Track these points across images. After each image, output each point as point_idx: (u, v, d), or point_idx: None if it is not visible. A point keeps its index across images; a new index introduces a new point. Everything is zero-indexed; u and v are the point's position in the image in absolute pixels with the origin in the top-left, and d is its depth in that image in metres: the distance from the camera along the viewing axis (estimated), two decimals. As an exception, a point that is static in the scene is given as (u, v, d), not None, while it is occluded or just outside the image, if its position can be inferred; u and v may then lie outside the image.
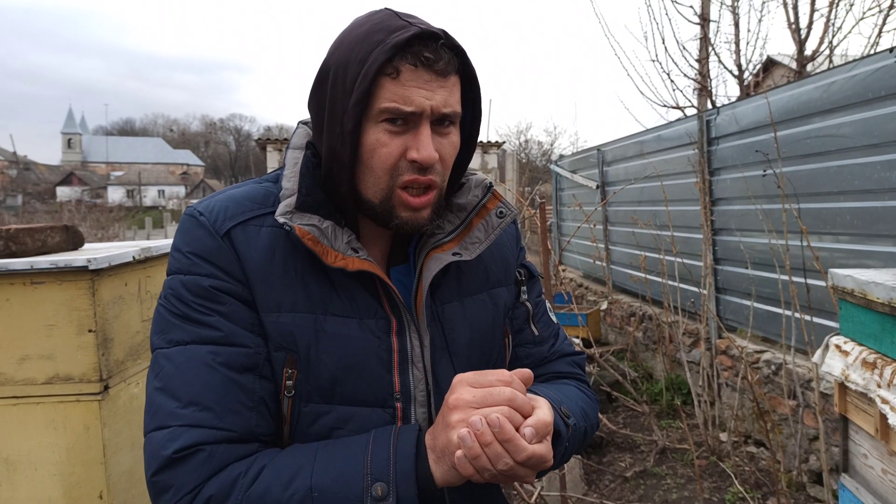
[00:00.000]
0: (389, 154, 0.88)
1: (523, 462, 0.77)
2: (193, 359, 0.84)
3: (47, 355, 1.87)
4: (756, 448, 4.13)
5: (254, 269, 0.88)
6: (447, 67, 0.87)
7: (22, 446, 1.87)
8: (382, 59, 0.84)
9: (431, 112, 0.87)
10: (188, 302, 0.87)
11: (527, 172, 15.30)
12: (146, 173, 72.43)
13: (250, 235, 0.90)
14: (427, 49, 0.85)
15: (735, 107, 4.59)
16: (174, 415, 0.82)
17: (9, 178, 71.88)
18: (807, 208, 3.66)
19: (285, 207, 0.89)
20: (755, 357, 4.13)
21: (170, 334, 0.87)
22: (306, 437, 0.89)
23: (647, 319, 5.85)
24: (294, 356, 0.88)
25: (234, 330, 0.86)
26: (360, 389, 0.90)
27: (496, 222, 1.01)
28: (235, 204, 0.92)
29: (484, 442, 0.76)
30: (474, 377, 0.83)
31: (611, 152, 7.14)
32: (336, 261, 0.88)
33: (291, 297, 0.89)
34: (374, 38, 0.86)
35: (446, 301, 0.99)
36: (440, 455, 0.81)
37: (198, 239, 0.89)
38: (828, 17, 5.67)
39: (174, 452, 0.80)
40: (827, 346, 1.84)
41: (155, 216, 34.65)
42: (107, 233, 17.63)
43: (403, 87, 0.85)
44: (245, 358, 0.86)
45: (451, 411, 0.80)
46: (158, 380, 0.85)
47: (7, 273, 1.84)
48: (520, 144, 31.25)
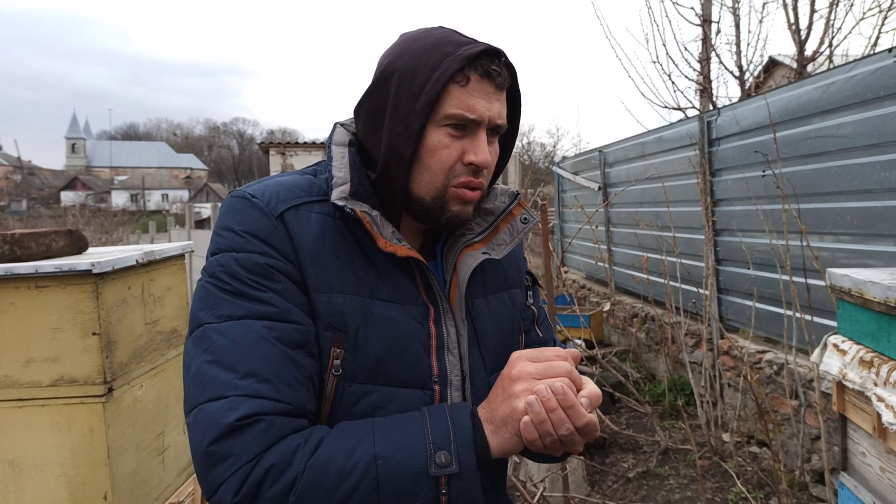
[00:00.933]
0: (449, 155, 0.95)
1: (581, 428, 0.84)
2: (249, 332, 0.86)
3: (52, 358, 1.89)
4: (759, 448, 4.13)
5: (306, 250, 0.92)
6: (504, 83, 0.96)
7: (27, 448, 1.90)
8: (455, 67, 0.91)
9: (489, 121, 0.95)
10: (242, 278, 0.88)
11: (529, 174, 15.30)
12: (150, 177, 72.62)
13: (302, 219, 0.94)
14: (493, 64, 0.94)
15: (735, 108, 4.60)
16: (232, 385, 0.83)
17: (13, 184, 72.14)
18: (807, 208, 3.67)
19: (340, 193, 0.94)
20: (757, 357, 4.13)
21: (220, 309, 0.88)
22: (349, 416, 0.91)
23: (650, 320, 5.86)
24: (342, 336, 0.91)
25: (287, 307, 0.88)
26: (402, 371, 0.94)
27: (521, 227, 1.09)
28: (286, 189, 0.96)
29: (549, 408, 0.83)
30: (532, 353, 0.89)
31: (612, 154, 7.15)
32: (387, 246, 0.93)
33: (341, 279, 0.92)
34: (444, 49, 0.94)
35: (474, 297, 1.05)
36: (499, 425, 0.86)
37: (252, 219, 0.92)
38: (828, 18, 5.68)
39: (236, 420, 0.80)
40: (825, 345, 1.85)
41: (159, 220, 34.74)
42: (111, 237, 17.68)
43: (469, 95, 0.93)
44: (298, 335, 0.88)
45: (514, 382, 0.86)
46: (209, 353, 0.85)
47: (12, 277, 1.87)
48: (522, 146, 31.25)
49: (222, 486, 0.80)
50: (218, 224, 0.95)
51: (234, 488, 0.79)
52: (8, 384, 1.89)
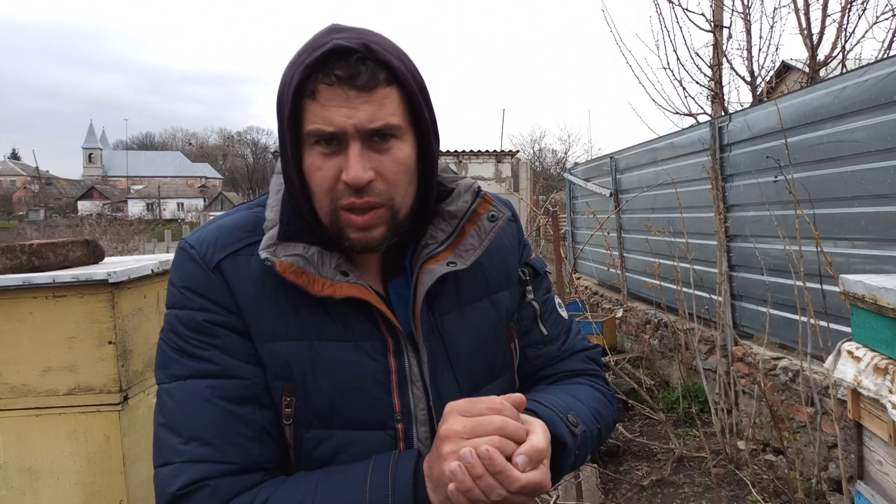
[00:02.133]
0: (325, 177, 0.85)
1: (517, 491, 0.76)
2: (193, 394, 0.85)
3: (69, 367, 1.92)
4: (774, 456, 4.09)
5: (246, 299, 0.89)
6: (370, 81, 0.83)
7: (45, 456, 1.92)
8: (298, 79, 0.82)
9: (356, 130, 0.83)
10: (184, 337, 0.88)
11: (541, 181, 15.30)
12: (165, 187, 73.31)
13: (240, 266, 0.90)
14: (341, 65, 0.81)
15: (747, 113, 4.58)
16: (177, 451, 0.84)
17: (31, 193, 73.07)
18: (821, 214, 3.64)
19: (268, 241, 0.88)
20: (772, 364, 4.10)
21: (170, 369, 0.88)
22: (310, 462, 0.89)
23: (663, 327, 5.83)
24: (291, 384, 0.88)
25: (230, 363, 0.87)
26: (359, 413, 0.90)
27: (488, 227, 0.98)
28: (225, 234, 0.92)
29: (475, 475, 0.75)
30: (464, 405, 0.81)
31: (624, 160, 7.14)
32: (324, 289, 0.87)
33: (284, 325, 0.89)
34: (299, 59, 0.84)
35: (445, 312, 0.97)
36: (436, 484, 0.80)
37: (189, 273, 0.90)
38: (840, 22, 5.65)
39: (178, 489, 0.82)
40: (839, 351, 1.84)
41: (174, 229, 35.03)
42: (127, 246, 17.84)
43: (324, 107, 0.82)
44: (243, 389, 0.87)
45: (442, 442, 0.79)
46: (162, 415, 0.87)
47: (30, 287, 1.90)
48: (534, 153, 31.24)
49: None
50: (170, 276, 0.94)
51: None
52: (26, 393, 1.91)
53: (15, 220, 57.20)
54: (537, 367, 1.09)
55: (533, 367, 1.09)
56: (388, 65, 0.84)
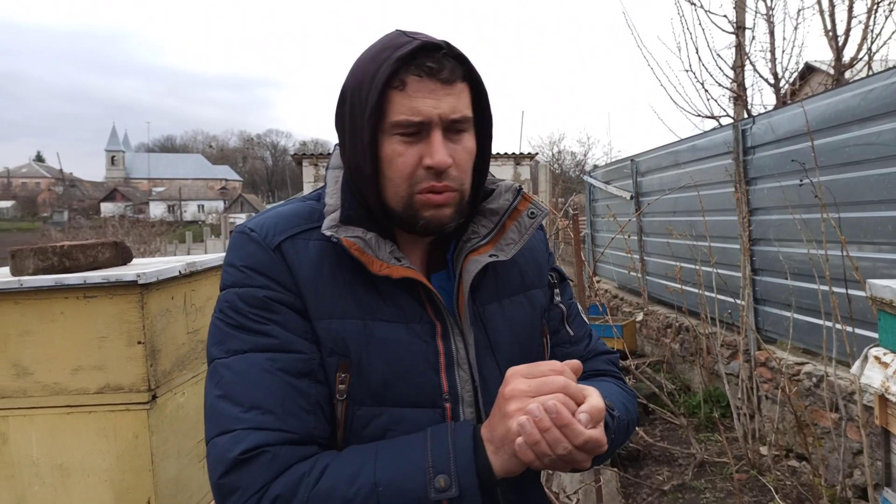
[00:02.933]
0: (405, 163, 0.92)
1: (581, 446, 0.80)
2: (253, 366, 0.88)
3: (99, 366, 1.95)
4: (798, 462, 4.04)
5: (304, 279, 0.93)
6: (451, 75, 0.91)
7: (75, 453, 1.96)
8: (388, 72, 0.89)
9: (440, 119, 0.91)
10: (244, 313, 0.91)
11: (560, 183, 15.25)
12: (186, 189, 74.14)
13: (299, 248, 0.95)
14: (430, 59, 0.90)
15: (771, 116, 4.54)
16: (237, 419, 0.85)
17: (55, 195, 74.29)
18: (847, 217, 3.59)
19: (330, 222, 0.94)
20: (796, 369, 4.06)
21: (227, 344, 0.91)
22: (360, 439, 0.92)
23: (684, 331, 5.78)
24: (346, 361, 0.92)
25: (289, 337, 0.90)
26: (410, 391, 0.93)
27: (528, 223, 1.05)
28: (284, 220, 0.98)
29: (542, 428, 0.80)
30: (527, 369, 0.86)
31: (645, 163, 7.10)
32: (381, 269, 0.92)
33: (342, 304, 0.93)
34: (382, 56, 0.91)
35: (486, 302, 1.03)
36: (499, 445, 0.84)
37: (250, 253, 0.94)
38: (866, 24, 5.57)
39: (240, 454, 0.83)
40: (866, 357, 1.82)
41: (195, 230, 35.41)
42: (149, 247, 18.08)
43: (411, 98, 0.90)
44: (301, 363, 0.90)
45: (507, 401, 0.83)
46: (219, 388, 0.89)
47: (62, 288, 1.94)
48: (553, 155, 31.13)
49: None
50: (225, 260, 0.98)
51: None
52: (57, 391, 1.95)
53: (39, 221, 58.16)
54: None
55: None
56: (465, 61, 0.93)
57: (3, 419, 1.96)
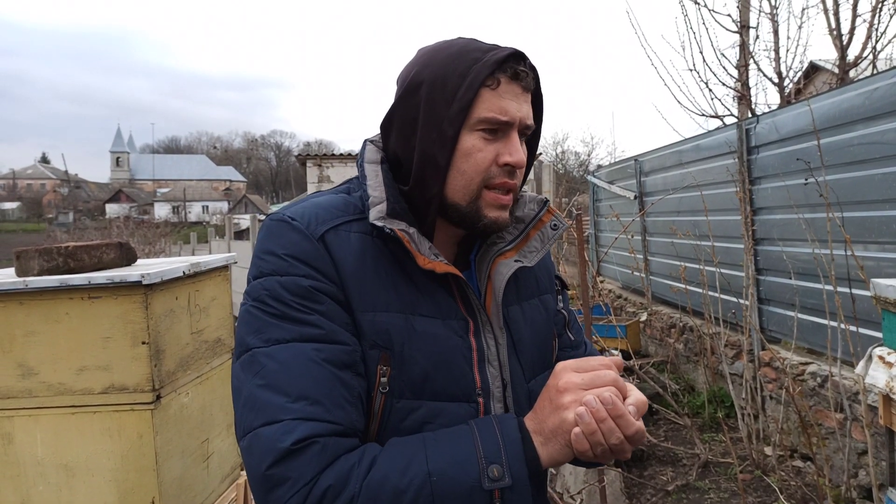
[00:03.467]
0: (484, 158, 0.96)
1: (631, 436, 0.85)
2: (298, 355, 0.87)
3: (104, 366, 1.96)
4: (802, 462, 4.03)
5: (348, 271, 0.93)
6: (530, 84, 0.98)
7: (80, 453, 1.97)
8: (486, 72, 0.93)
9: (519, 123, 0.97)
10: (287, 301, 0.89)
11: (564, 183, 15.23)
12: (191, 190, 74.31)
13: (342, 239, 0.95)
14: (520, 66, 0.96)
15: (775, 115, 4.53)
16: (285, 409, 0.84)
17: (60, 196, 74.55)
18: (851, 217, 3.59)
19: (378, 213, 0.95)
20: (800, 369, 4.04)
21: (268, 333, 0.89)
22: (397, 432, 0.92)
23: (688, 331, 5.77)
24: (388, 354, 0.92)
25: (333, 328, 0.90)
26: (448, 385, 0.95)
27: (551, 234, 1.10)
28: (324, 210, 0.98)
29: (599, 418, 0.84)
30: (577, 363, 0.90)
31: (648, 162, 7.09)
32: (426, 264, 0.94)
33: (384, 297, 0.94)
34: (472, 56, 0.95)
35: (509, 304, 1.06)
36: (548, 437, 0.87)
37: (294, 242, 0.93)
38: (871, 22, 5.56)
39: (292, 444, 0.81)
40: (870, 356, 1.81)
41: (199, 231, 35.49)
42: (154, 248, 18.12)
43: (501, 98, 0.95)
44: (345, 355, 0.89)
45: (561, 393, 0.87)
46: (260, 377, 0.86)
47: (67, 288, 1.95)
48: (556, 155, 31.11)
49: None
50: (259, 248, 0.95)
51: None
52: (62, 391, 1.96)
53: (45, 222, 58.37)
54: None
55: None
56: (537, 75, 1.01)
57: (9, 419, 1.97)
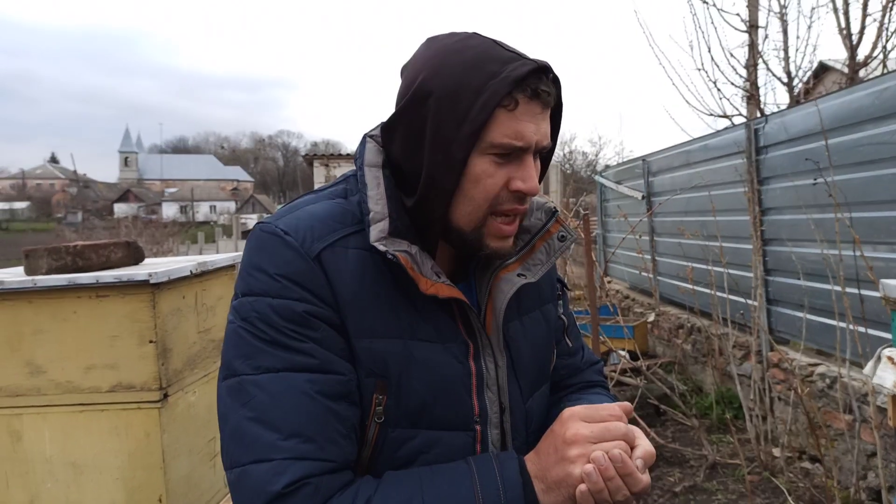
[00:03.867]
0: (494, 184, 0.88)
1: (639, 492, 0.82)
2: (290, 388, 0.82)
3: (111, 365, 1.97)
4: (811, 464, 4.01)
5: (345, 294, 0.86)
6: (551, 101, 0.89)
7: (88, 451, 1.98)
8: (503, 91, 0.83)
9: (536, 145, 0.88)
10: (279, 327, 0.83)
11: (571, 183, 15.19)
12: (198, 189, 74.60)
13: (339, 258, 0.87)
14: (542, 83, 0.86)
15: (784, 115, 4.51)
16: (276, 447, 0.79)
17: (69, 196, 75.00)
18: (861, 217, 3.56)
19: (379, 233, 0.87)
20: (809, 370, 4.02)
21: (257, 360, 0.83)
22: (392, 461, 0.88)
23: (696, 331, 5.75)
24: (385, 382, 0.87)
25: (328, 357, 0.84)
26: (446, 414, 0.90)
27: (558, 246, 1.03)
28: (321, 223, 0.89)
29: (608, 476, 0.80)
30: (585, 411, 0.86)
31: (656, 162, 7.07)
32: (429, 288, 0.87)
33: (383, 322, 0.88)
34: (488, 69, 0.85)
35: (509, 321, 0.99)
36: (551, 486, 0.83)
37: (287, 261, 0.85)
38: (881, 22, 5.52)
39: (284, 488, 0.78)
40: (879, 357, 1.80)
41: (207, 231, 35.63)
42: (161, 247, 18.21)
43: (517, 120, 0.85)
44: (340, 386, 0.85)
45: (569, 446, 0.83)
46: (250, 409, 0.81)
47: (75, 287, 1.96)
48: (564, 155, 31.06)
49: None
50: (248, 261, 0.88)
51: None
52: (70, 389, 1.97)
53: (54, 222, 58.76)
54: (563, 377, 1.16)
55: (560, 376, 1.16)
56: (559, 87, 0.91)
57: (17, 417, 1.98)
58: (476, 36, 0.91)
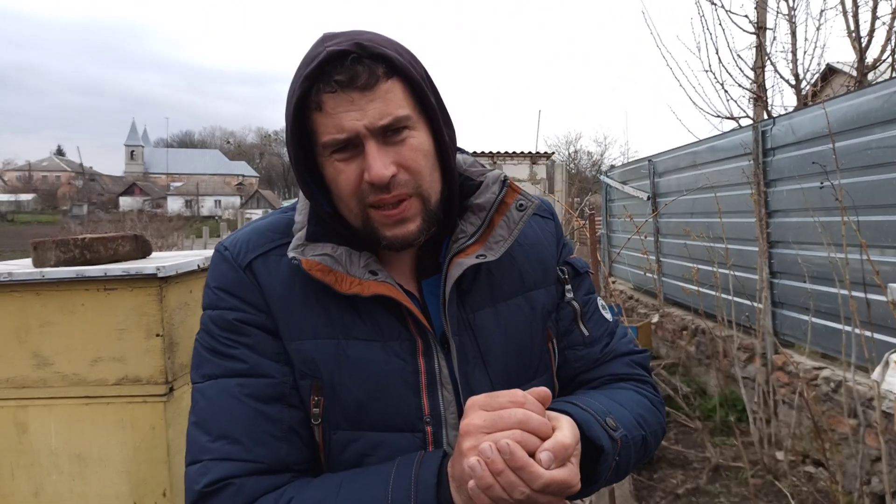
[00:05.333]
0: (348, 180, 0.86)
1: (541, 489, 0.71)
2: (222, 392, 0.87)
3: (118, 358, 1.97)
4: (815, 468, 4.00)
5: (275, 299, 0.90)
6: (370, 79, 0.82)
7: (93, 444, 1.98)
8: (299, 93, 0.82)
9: (369, 130, 0.83)
10: (216, 336, 0.90)
11: (576, 183, 15.19)
12: (204, 184, 74.74)
13: (271, 266, 0.92)
14: (339, 71, 0.81)
15: (792, 117, 4.50)
16: (205, 449, 0.85)
17: (75, 189, 75.20)
18: (868, 221, 3.55)
19: (297, 241, 0.90)
20: (813, 374, 4.01)
21: (203, 369, 0.90)
22: (339, 464, 0.89)
23: (700, 333, 5.74)
24: (319, 383, 0.88)
25: (259, 361, 0.88)
26: (387, 415, 0.88)
27: (517, 216, 0.96)
28: (259, 235, 0.95)
29: (495, 470, 0.71)
30: (485, 399, 0.77)
31: (662, 163, 7.05)
32: (351, 287, 0.87)
33: (312, 323, 0.89)
34: (297, 73, 0.85)
35: (478, 308, 0.95)
36: (459, 483, 0.76)
37: (222, 273, 0.93)
38: (890, 25, 5.49)
39: (204, 486, 0.82)
40: (887, 362, 1.80)
41: (212, 225, 35.70)
42: (166, 241, 18.23)
43: (332, 116, 0.83)
44: (271, 388, 0.88)
45: (462, 438, 0.75)
46: (194, 414, 0.88)
47: (83, 279, 1.96)
48: (569, 155, 31.04)
49: None
50: (206, 279, 0.96)
51: None
52: (77, 382, 1.98)
53: (59, 214, 58.93)
54: (578, 371, 1.05)
55: (573, 369, 1.05)
56: (385, 58, 0.83)
57: (23, 409, 1.99)
58: (322, 35, 0.88)
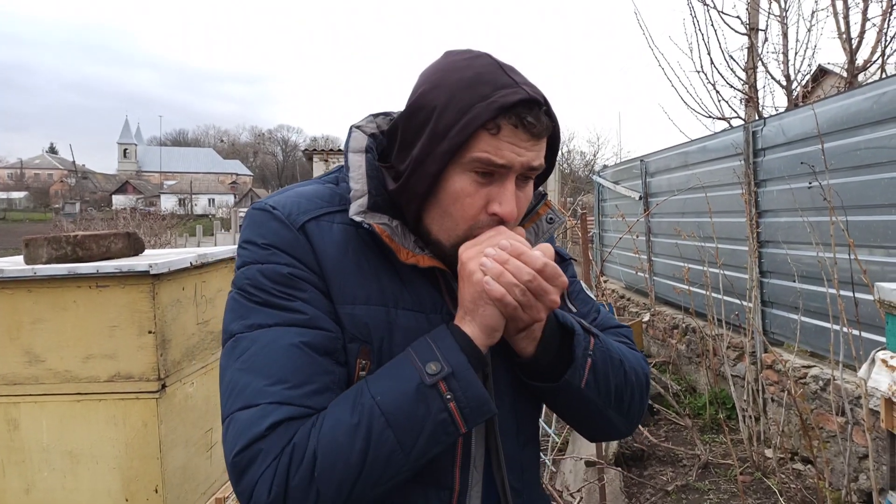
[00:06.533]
0: (472, 205, 0.91)
1: (541, 269, 0.85)
2: (279, 339, 0.87)
3: (110, 355, 1.98)
4: (803, 465, 4.04)
5: (329, 261, 0.92)
6: (543, 132, 0.91)
7: (85, 440, 1.99)
8: (487, 117, 0.87)
9: (520, 167, 0.91)
10: (268, 289, 0.89)
11: (569, 183, 15.22)
12: (197, 183, 74.47)
13: (324, 230, 0.94)
14: (530, 114, 0.89)
15: (782, 118, 4.53)
16: (263, 392, 0.84)
17: (68, 187, 74.81)
18: (857, 221, 3.58)
19: (358, 207, 0.93)
20: (802, 372, 4.05)
21: (250, 319, 0.89)
22: None
23: (691, 332, 5.77)
24: (368, 347, 0.91)
25: (316, 314, 0.89)
26: None
27: (546, 227, 1.07)
28: (306, 200, 0.96)
29: (502, 260, 0.85)
30: (469, 241, 0.91)
31: (654, 163, 7.08)
32: (409, 258, 0.93)
33: (366, 290, 0.93)
34: (479, 91, 0.89)
35: None
36: (470, 309, 0.88)
37: (274, 231, 0.92)
38: (880, 27, 5.54)
39: (266, 429, 0.82)
40: (873, 360, 1.82)
41: (205, 224, 35.59)
42: (159, 239, 18.16)
43: (500, 142, 0.88)
44: (328, 341, 0.89)
45: (465, 264, 0.88)
46: (240, 361, 0.87)
47: (75, 276, 1.97)
48: (562, 155, 31.11)
49: (255, 486, 0.81)
50: (242, 237, 0.95)
51: (267, 486, 0.80)
52: (68, 378, 1.98)
53: (51, 212, 58.59)
54: None
55: None
56: (555, 121, 0.94)
57: (15, 405, 1.99)
58: (485, 57, 0.95)
